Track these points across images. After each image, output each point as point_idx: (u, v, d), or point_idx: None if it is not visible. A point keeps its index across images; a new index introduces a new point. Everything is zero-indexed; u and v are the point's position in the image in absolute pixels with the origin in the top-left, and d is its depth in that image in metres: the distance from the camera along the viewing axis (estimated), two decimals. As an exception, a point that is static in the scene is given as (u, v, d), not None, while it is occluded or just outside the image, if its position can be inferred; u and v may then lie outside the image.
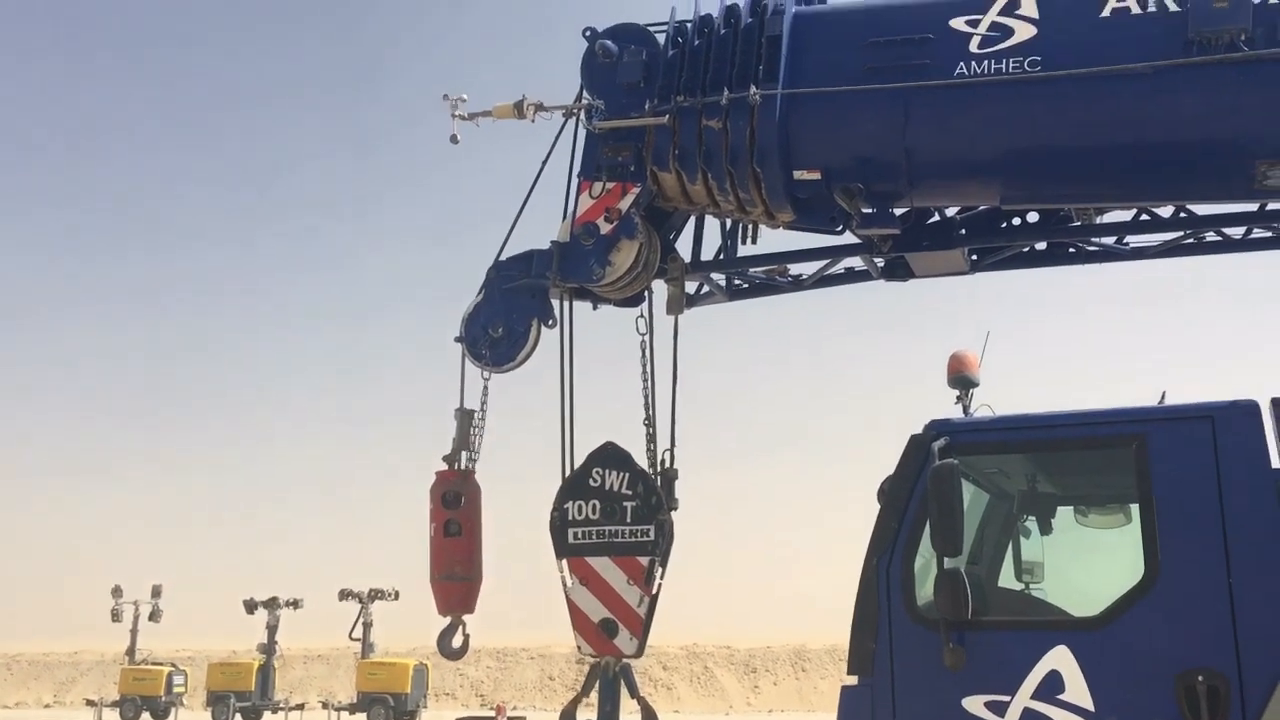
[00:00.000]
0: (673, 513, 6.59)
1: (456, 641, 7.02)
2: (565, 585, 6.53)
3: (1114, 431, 5.31)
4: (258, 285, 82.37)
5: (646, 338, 6.93)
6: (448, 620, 7.00)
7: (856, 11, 6.75)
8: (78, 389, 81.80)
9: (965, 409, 5.92)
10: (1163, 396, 5.63)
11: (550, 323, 6.94)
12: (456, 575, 6.92)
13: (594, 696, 6.62)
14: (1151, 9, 6.07)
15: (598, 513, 6.52)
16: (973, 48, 6.28)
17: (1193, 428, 5.10)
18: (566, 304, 7.00)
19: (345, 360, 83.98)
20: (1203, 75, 5.91)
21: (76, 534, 76.99)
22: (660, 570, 6.45)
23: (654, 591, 6.43)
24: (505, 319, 6.92)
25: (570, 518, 6.55)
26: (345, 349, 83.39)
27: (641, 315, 6.96)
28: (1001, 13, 6.29)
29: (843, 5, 6.88)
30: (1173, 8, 6.03)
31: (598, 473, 6.59)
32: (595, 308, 7.18)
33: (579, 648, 6.55)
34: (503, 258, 7.06)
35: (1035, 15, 6.25)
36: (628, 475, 6.55)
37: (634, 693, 6.55)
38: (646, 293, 7.00)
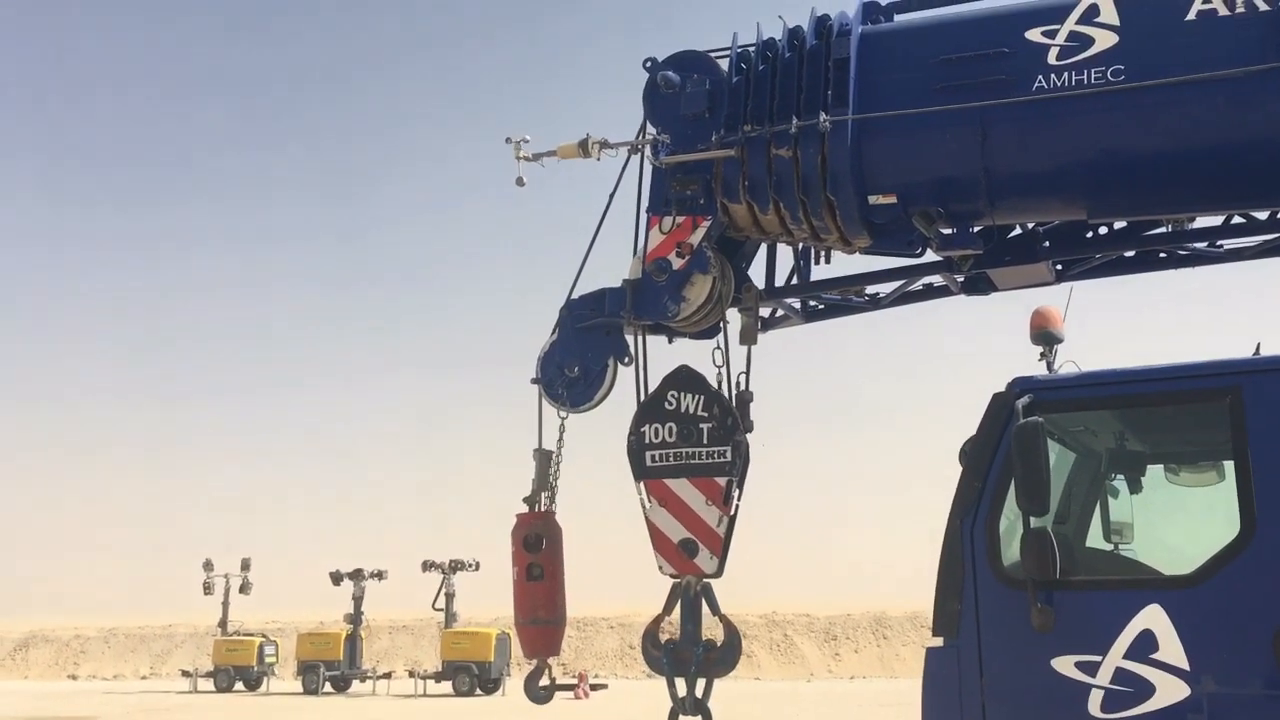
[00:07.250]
0: (748, 434, 6.56)
1: (544, 684, 7.02)
2: (644, 507, 6.57)
3: (1207, 385, 5.09)
4: (328, 284, 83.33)
5: (723, 370, 6.79)
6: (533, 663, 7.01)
7: (926, 28, 6.49)
8: (159, 365, 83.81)
9: (1049, 366, 5.72)
10: (1258, 348, 5.41)
11: (626, 360, 6.85)
12: (540, 620, 6.91)
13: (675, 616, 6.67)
14: (1240, 10, 5.80)
15: (674, 435, 6.56)
16: (1051, 59, 6.05)
17: None
18: (640, 340, 6.90)
19: (430, 340, 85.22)
20: None
21: (167, 510, 79.29)
22: (738, 491, 6.47)
23: (732, 511, 6.46)
24: (581, 359, 6.86)
25: (647, 441, 6.59)
26: (432, 324, 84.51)
27: (718, 347, 6.82)
28: (1080, 21, 6.04)
29: (911, 22, 6.61)
30: (1262, 7, 5.76)
31: (673, 396, 6.62)
32: (670, 341, 7.06)
33: (660, 568, 6.58)
34: (574, 297, 6.98)
35: (1116, 22, 6.00)
36: (703, 397, 6.57)
37: (715, 610, 6.58)
38: (722, 323, 6.86)
